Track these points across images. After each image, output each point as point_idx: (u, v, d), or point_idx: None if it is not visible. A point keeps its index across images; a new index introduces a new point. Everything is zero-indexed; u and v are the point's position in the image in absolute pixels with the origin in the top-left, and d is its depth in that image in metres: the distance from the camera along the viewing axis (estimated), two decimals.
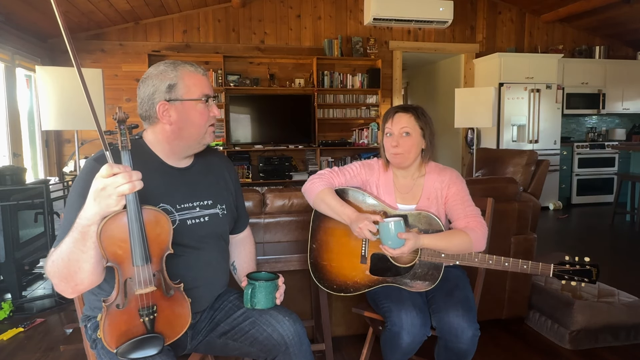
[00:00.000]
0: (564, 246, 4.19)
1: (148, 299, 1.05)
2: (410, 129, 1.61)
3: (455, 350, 1.49)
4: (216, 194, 1.33)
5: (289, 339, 1.25)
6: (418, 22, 5.81)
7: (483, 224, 1.59)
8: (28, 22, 4.24)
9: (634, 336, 2.27)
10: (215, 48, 5.48)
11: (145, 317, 1.06)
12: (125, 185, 0.93)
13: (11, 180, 2.81)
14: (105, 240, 0.99)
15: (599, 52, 6.52)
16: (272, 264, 1.82)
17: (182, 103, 1.17)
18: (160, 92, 1.16)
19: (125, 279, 1.04)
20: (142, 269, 1.03)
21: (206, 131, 1.23)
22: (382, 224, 1.44)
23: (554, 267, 1.46)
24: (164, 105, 1.16)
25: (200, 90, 1.19)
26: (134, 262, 1.02)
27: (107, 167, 0.93)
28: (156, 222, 1.06)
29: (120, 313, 1.04)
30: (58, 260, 1.00)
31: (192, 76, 1.19)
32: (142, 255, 1.02)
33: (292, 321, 1.28)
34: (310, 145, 5.72)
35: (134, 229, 1.00)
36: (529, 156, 3.92)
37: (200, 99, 1.18)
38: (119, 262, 1.02)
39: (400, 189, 1.69)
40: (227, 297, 1.37)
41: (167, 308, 1.10)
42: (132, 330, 1.05)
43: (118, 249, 1.01)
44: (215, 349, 1.34)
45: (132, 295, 1.04)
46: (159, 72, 1.18)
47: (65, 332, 2.49)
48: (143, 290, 1.04)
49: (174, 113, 1.17)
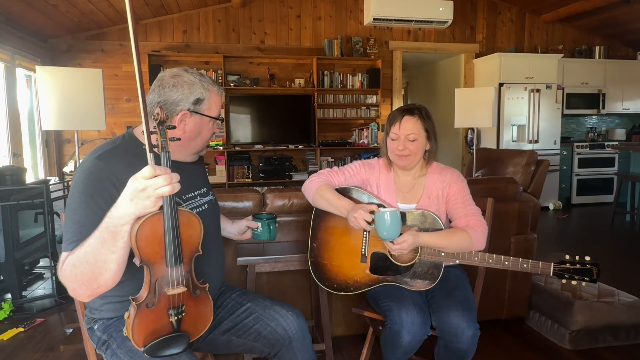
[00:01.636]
0: (564, 246, 4.19)
1: (178, 299, 1.07)
2: (417, 133, 1.60)
3: (455, 350, 1.50)
4: (205, 181, 1.41)
5: (293, 333, 1.27)
6: (418, 22, 5.81)
7: (483, 223, 1.59)
8: (28, 22, 4.24)
9: (634, 336, 2.27)
10: (215, 48, 5.48)
11: (173, 316, 1.06)
12: (166, 187, 0.93)
13: (11, 180, 2.81)
14: (141, 240, 0.99)
15: (599, 52, 6.53)
16: (272, 263, 1.83)
17: (202, 117, 1.22)
18: (186, 102, 1.19)
19: (156, 279, 1.04)
20: (175, 270, 1.04)
21: (207, 145, 1.33)
22: (378, 213, 1.44)
23: (554, 266, 1.46)
24: (185, 114, 1.20)
25: (217, 110, 1.27)
26: (167, 264, 1.03)
27: (149, 168, 0.93)
28: (189, 224, 1.07)
29: (150, 312, 1.04)
30: (81, 263, 0.98)
31: (216, 96, 1.25)
32: (176, 256, 1.03)
33: (296, 315, 1.31)
34: (310, 145, 5.72)
35: (170, 231, 1.00)
36: (529, 156, 3.92)
37: (216, 118, 1.26)
38: (152, 262, 1.03)
39: (401, 188, 1.69)
40: (229, 295, 1.38)
41: (193, 307, 1.11)
42: (160, 329, 1.06)
43: (152, 250, 1.01)
44: (218, 346, 1.35)
45: (162, 295, 1.05)
46: (190, 82, 1.21)
47: (65, 332, 2.49)
48: (174, 290, 1.05)
49: (190, 123, 1.22)
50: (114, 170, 1.09)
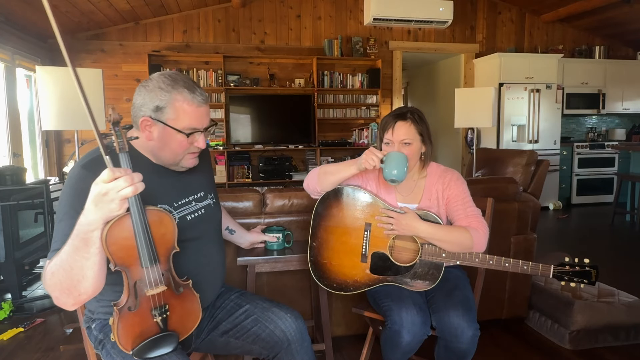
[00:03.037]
0: (564, 246, 4.19)
1: (159, 298, 1.06)
2: (411, 138, 1.59)
3: (455, 350, 1.50)
4: (204, 184, 1.35)
5: (291, 336, 1.27)
6: (418, 22, 5.81)
7: (484, 224, 1.59)
8: (28, 22, 4.24)
9: (634, 336, 2.27)
10: (215, 48, 5.48)
11: (158, 316, 1.06)
12: (128, 189, 0.92)
13: (11, 180, 2.81)
14: (112, 245, 0.98)
15: (599, 52, 6.52)
16: (272, 263, 1.82)
17: (164, 127, 1.13)
18: (147, 108, 1.13)
19: (134, 282, 1.04)
20: (151, 270, 1.04)
21: (183, 158, 1.19)
22: (389, 153, 1.51)
23: (554, 269, 1.46)
24: (147, 120, 1.14)
25: (188, 122, 1.14)
26: (142, 264, 1.02)
27: (108, 171, 0.92)
28: (160, 222, 1.06)
29: (133, 315, 1.04)
30: (59, 271, 0.98)
31: (185, 104, 1.13)
32: (150, 257, 1.02)
33: (294, 318, 1.30)
34: (310, 145, 5.72)
35: (140, 231, 1.00)
36: (529, 156, 3.92)
37: (182, 132, 1.14)
38: (127, 265, 1.02)
39: (401, 190, 1.69)
40: (228, 296, 1.38)
41: (178, 305, 1.10)
42: (146, 330, 1.06)
43: (125, 253, 1.01)
44: (217, 348, 1.35)
45: (143, 297, 1.04)
46: (154, 87, 1.13)
47: (65, 332, 2.49)
48: (154, 290, 1.04)
49: (155, 131, 1.15)
50: None
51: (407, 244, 1.60)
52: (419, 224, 1.53)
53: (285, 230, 1.92)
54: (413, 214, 1.55)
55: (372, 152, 1.50)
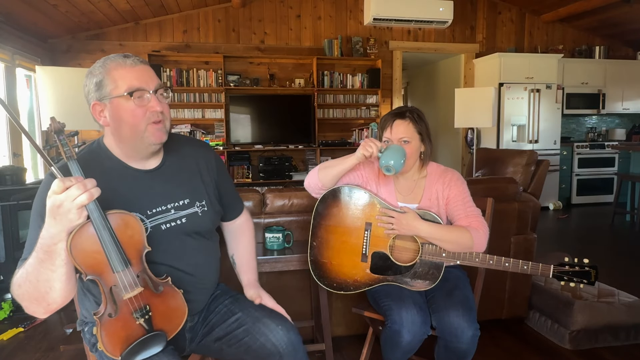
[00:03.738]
0: (564, 246, 4.19)
1: (138, 300, 1.04)
2: (409, 136, 1.60)
3: (455, 350, 1.50)
4: (192, 190, 1.24)
5: (282, 349, 1.21)
6: (418, 22, 5.81)
7: (485, 224, 1.59)
8: (28, 22, 4.24)
9: (634, 336, 2.27)
10: (215, 48, 5.48)
11: (140, 318, 1.05)
12: (82, 196, 0.89)
13: (11, 180, 2.81)
14: (78, 255, 0.96)
15: (599, 52, 6.52)
16: (272, 263, 1.83)
17: (111, 101, 1.07)
18: (91, 92, 1.09)
19: (109, 287, 1.02)
20: (124, 274, 1.01)
21: (145, 129, 1.09)
22: (388, 144, 1.57)
23: (554, 269, 1.46)
24: (97, 106, 1.09)
25: (128, 83, 1.06)
26: (113, 269, 1.00)
27: (57, 182, 0.89)
28: (125, 225, 1.03)
29: (115, 321, 1.03)
30: (25, 283, 0.96)
31: (118, 69, 1.07)
32: (120, 261, 1.00)
33: (286, 330, 1.24)
34: (310, 145, 5.72)
35: (104, 237, 0.97)
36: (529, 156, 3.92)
37: (125, 94, 1.06)
38: (98, 273, 1.00)
39: (401, 190, 1.69)
40: (222, 300, 1.34)
41: (160, 304, 1.08)
42: (131, 334, 1.05)
43: (94, 261, 0.99)
44: (212, 353, 1.33)
45: (121, 302, 1.03)
46: (90, 71, 1.09)
47: (65, 332, 2.49)
48: (130, 293, 1.02)
49: (107, 112, 1.09)
50: None
51: (408, 244, 1.60)
52: (420, 223, 1.53)
53: (285, 230, 1.92)
54: (413, 214, 1.55)
55: (371, 140, 1.51)
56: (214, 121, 5.53)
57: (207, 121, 5.52)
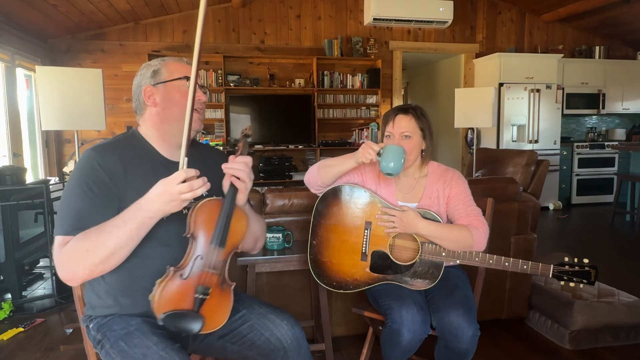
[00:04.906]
0: (564, 246, 4.19)
1: (208, 279, 1.14)
2: (411, 131, 1.61)
3: (455, 350, 1.50)
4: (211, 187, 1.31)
5: (287, 343, 1.25)
6: (418, 22, 5.81)
7: (485, 223, 1.60)
8: (28, 22, 4.24)
9: (634, 336, 2.27)
10: (215, 48, 5.48)
11: (199, 294, 1.11)
12: (188, 194, 1.02)
13: (11, 180, 2.81)
14: (199, 214, 1.13)
15: (599, 52, 6.53)
16: (272, 263, 1.83)
17: (165, 85, 1.22)
18: (145, 79, 1.23)
19: (197, 255, 1.13)
20: (214, 251, 1.14)
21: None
22: (386, 146, 1.51)
23: (553, 268, 1.46)
24: (149, 89, 1.22)
25: (181, 73, 1.24)
26: (211, 241, 1.13)
27: (182, 172, 1.03)
28: (240, 218, 1.20)
29: (181, 282, 1.11)
30: (97, 249, 1.03)
31: (175, 64, 1.26)
32: (220, 237, 1.13)
33: (290, 325, 1.28)
34: (310, 145, 5.72)
35: (224, 213, 1.14)
36: (529, 156, 3.92)
37: (181, 78, 1.23)
38: (198, 235, 1.13)
39: (402, 188, 1.69)
40: None
41: (216, 297, 1.16)
42: (183, 303, 1.11)
43: (204, 225, 1.14)
44: (214, 352, 1.34)
45: (196, 272, 1.13)
46: (146, 66, 1.26)
47: (65, 332, 2.49)
48: (208, 270, 1.13)
49: (158, 96, 1.23)
50: (105, 160, 1.15)
51: (407, 243, 1.60)
52: (420, 222, 1.54)
53: (285, 230, 1.92)
54: (414, 212, 1.55)
55: (369, 145, 1.51)
56: (214, 121, 5.53)
57: (207, 121, 5.52)
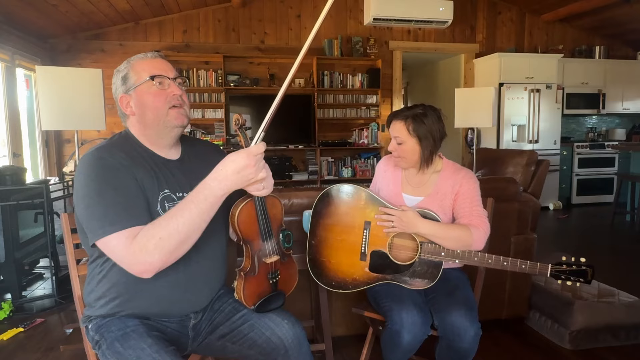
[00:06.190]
0: (563, 246, 4.19)
1: (274, 265, 1.31)
2: (403, 138, 1.64)
3: (457, 349, 1.50)
4: None
5: (288, 343, 1.25)
6: (418, 22, 5.81)
7: (487, 224, 1.59)
8: (28, 22, 4.24)
9: (634, 336, 2.27)
10: (215, 48, 5.48)
11: (272, 279, 1.31)
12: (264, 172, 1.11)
13: (11, 180, 2.81)
14: (241, 224, 1.23)
15: (599, 52, 6.53)
16: None
17: (135, 90, 1.18)
18: (118, 87, 1.21)
19: (255, 252, 1.27)
20: (269, 243, 1.30)
21: (167, 113, 1.19)
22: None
23: (551, 267, 1.47)
24: (124, 98, 1.20)
25: (147, 72, 1.18)
26: (262, 239, 1.28)
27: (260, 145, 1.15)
28: (273, 205, 1.32)
29: (254, 279, 1.27)
30: (172, 235, 1.02)
31: (140, 63, 1.20)
32: (267, 233, 1.28)
33: (291, 324, 1.28)
34: (310, 145, 5.72)
35: (260, 214, 1.26)
36: (529, 156, 3.92)
37: (146, 80, 1.17)
38: (250, 239, 1.27)
39: (411, 181, 1.73)
40: (226, 299, 1.36)
41: (284, 271, 1.35)
42: (263, 291, 1.30)
43: (250, 230, 1.26)
44: (214, 351, 1.34)
45: (261, 264, 1.28)
46: (117, 69, 1.23)
47: (65, 332, 2.49)
48: (271, 259, 1.30)
49: (133, 103, 1.20)
50: (113, 155, 1.12)
51: (406, 243, 1.60)
52: (420, 221, 1.54)
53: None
54: (413, 212, 1.55)
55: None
56: (214, 121, 5.53)
57: (207, 121, 5.52)
